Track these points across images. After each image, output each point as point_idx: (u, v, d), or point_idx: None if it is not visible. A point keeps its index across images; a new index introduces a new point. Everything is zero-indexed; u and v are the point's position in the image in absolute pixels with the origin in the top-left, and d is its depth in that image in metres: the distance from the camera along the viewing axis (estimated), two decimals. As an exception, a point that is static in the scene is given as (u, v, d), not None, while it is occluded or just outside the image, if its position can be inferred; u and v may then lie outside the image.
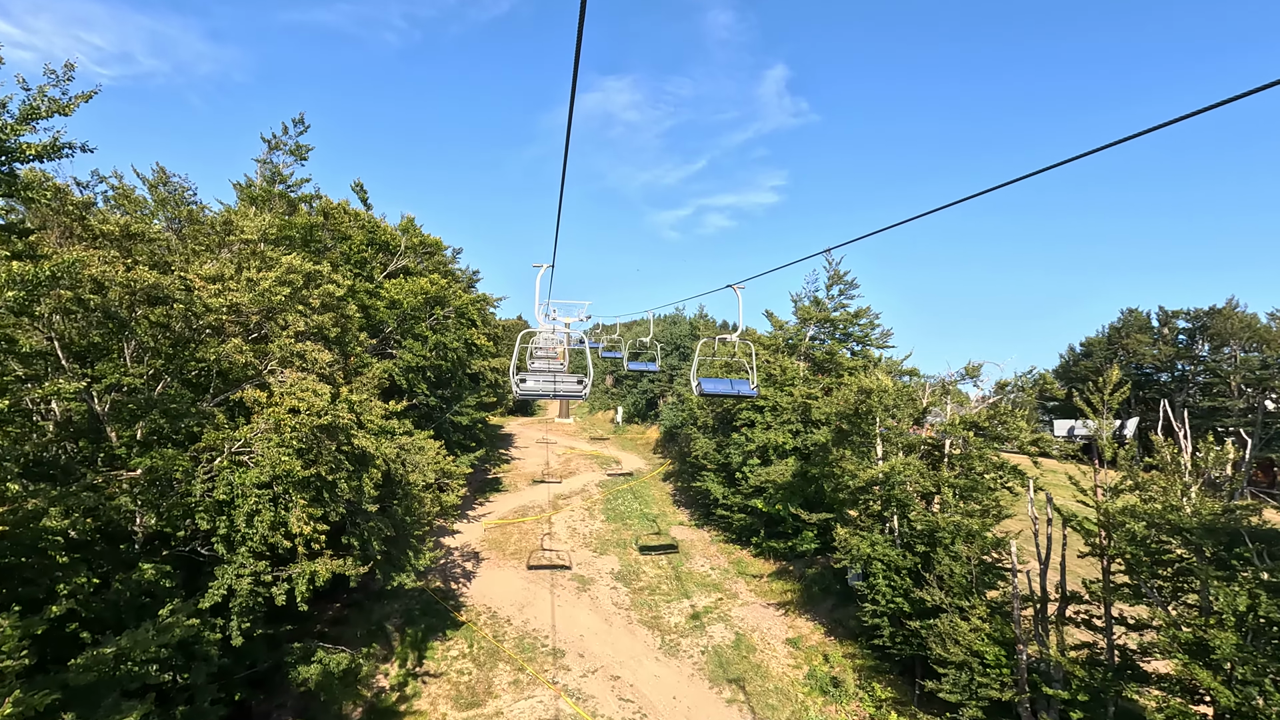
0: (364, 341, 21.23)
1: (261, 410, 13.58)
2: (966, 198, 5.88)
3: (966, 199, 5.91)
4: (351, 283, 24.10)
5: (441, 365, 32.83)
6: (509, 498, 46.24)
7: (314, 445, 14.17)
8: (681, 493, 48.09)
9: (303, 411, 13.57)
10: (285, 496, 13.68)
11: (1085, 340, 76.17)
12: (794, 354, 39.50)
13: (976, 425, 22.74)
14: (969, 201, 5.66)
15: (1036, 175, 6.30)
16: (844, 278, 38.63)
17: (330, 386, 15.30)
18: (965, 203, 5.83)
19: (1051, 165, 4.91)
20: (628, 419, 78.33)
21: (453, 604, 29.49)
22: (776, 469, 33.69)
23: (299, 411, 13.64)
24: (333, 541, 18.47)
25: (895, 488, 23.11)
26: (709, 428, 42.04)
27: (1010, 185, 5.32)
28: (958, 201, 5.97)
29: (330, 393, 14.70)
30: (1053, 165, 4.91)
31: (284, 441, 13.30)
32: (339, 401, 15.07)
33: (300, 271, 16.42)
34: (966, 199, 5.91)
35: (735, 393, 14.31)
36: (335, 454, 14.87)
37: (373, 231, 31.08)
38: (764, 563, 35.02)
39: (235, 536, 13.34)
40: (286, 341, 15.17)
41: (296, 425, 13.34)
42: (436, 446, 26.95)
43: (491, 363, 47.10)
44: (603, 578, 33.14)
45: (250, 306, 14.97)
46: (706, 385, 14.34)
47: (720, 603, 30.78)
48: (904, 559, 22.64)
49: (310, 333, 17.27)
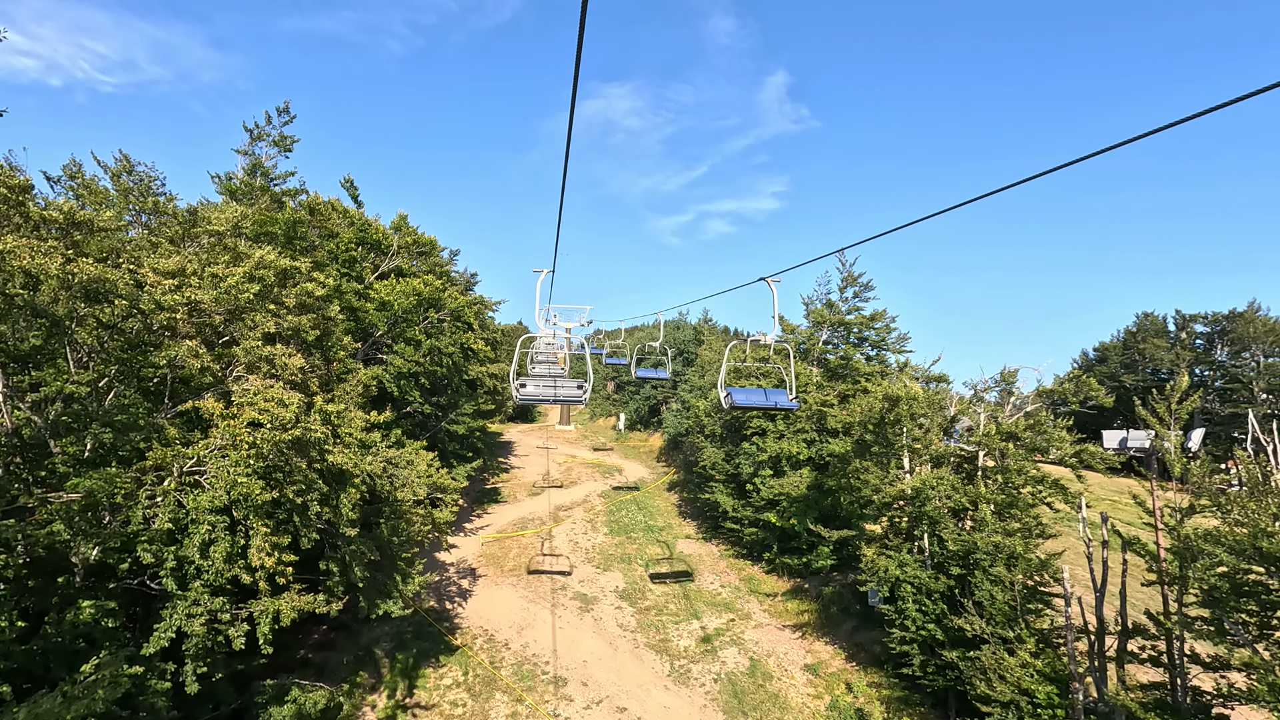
0: (348, 346, 19.47)
1: (218, 423, 11.79)
2: (976, 198, 5.59)
3: (976, 199, 5.60)
4: (338, 283, 22.35)
5: (436, 371, 31.03)
6: (508, 509, 44.35)
7: (281, 463, 12.39)
8: (688, 504, 46.21)
9: (265, 425, 11.76)
10: (245, 523, 11.89)
11: (1099, 345, 74.40)
12: (806, 359, 37.73)
13: (1014, 435, 20.93)
14: (969, 207, 5.80)
15: (1042, 177, 5.78)
16: (858, 279, 36.89)
17: (302, 395, 13.51)
18: (965, 208, 6.54)
19: (1059, 166, 4.65)
20: (630, 426, 76.49)
21: (447, 626, 27.61)
22: (790, 481, 31.84)
23: (260, 425, 11.83)
24: (308, 565, 16.67)
25: (926, 504, 21.27)
26: (717, 436, 40.19)
27: (1014, 188, 5.33)
28: (967, 202, 5.64)
29: (300, 402, 12.92)
30: (1060, 166, 4.66)
31: (242, 460, 11.48)
32: (312, 412, 13.31)
33: (273, 267, 14.67)
34: (976, 199, 5.60)
35: (772, 405, 12.46)
36: (307, 472, 13.09)
37: (364, 230, 29.33)
38: (777, 580, 33.12)
39: (187, 570, 11.56)
40: (253, 344, 13.39)
41: (258, 441, 11.54)
42: (429, 458, 25.14)
43: (490, 368, 45.33)
44: (606, 596, 31.26)
45: (213, 306, 13.23)
46: (739, 396, 12.44)
47: (732, 624, 28.88)
48: (936, 581, 20.79)
49: (285, 335, 15.53)
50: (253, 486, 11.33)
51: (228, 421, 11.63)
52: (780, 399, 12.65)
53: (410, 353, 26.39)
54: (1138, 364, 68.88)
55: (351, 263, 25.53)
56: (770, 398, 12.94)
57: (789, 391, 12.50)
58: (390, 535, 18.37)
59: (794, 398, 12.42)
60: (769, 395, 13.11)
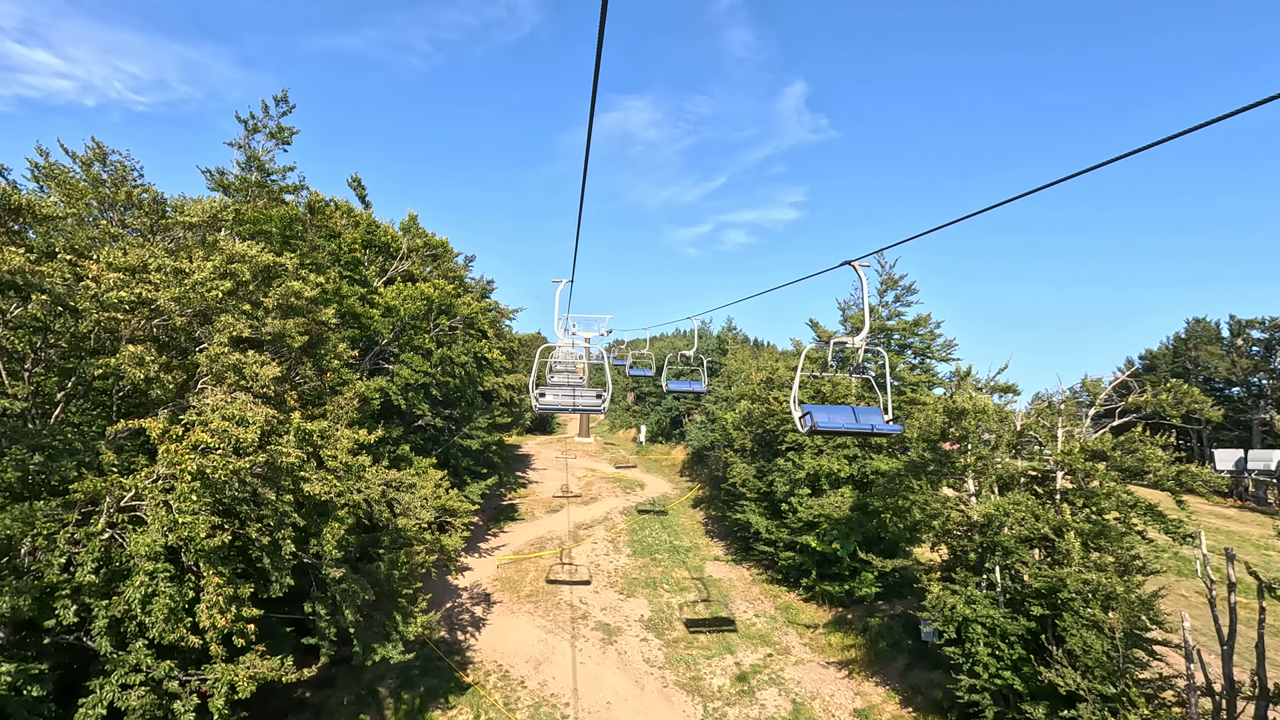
0: (344, 354, 17.46)
1: (160, 447, 9.65)
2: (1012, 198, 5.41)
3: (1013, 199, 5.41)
4: (336, 285, 20.37)
5: (449, 382, 28.96)
6: (525, 528, 42.09)
7: (243, 496, 10.29)
8: (715, 522, 43.58)
9: (216, 450, 9.61)
10: (196, 570, 9.76)
11: (1146, 353, 70.47)
12: (845, 367, 35.12)
13: (1103, 454, 18.19)
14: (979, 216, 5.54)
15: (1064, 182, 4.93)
16: (899, 281, 34.31)
17: (273, 412, 11.41)
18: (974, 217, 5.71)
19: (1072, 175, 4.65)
20: (651, 438, 74.03)
21: (458, 660, 25.30)
22: (831, 501, 29.16)
23: (211, 450, 9.68)
24: (293, 601, 14.49)
25: (999, 532, 18.57)
26: (747, 451, 37.60)
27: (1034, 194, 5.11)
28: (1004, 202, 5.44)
29: (270, 420, 10.82)
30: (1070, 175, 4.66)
31: (184, 494, 9.33)
32: (288, 432, 11.21)
33: (250, 261, 12.65)
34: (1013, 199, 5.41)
35: (866, 429, 9.83)
36: (278, 505, 10.97)
37: (371, 231, 27.45)
38: (817, 609, 30.36)
39: (127, 626, 9.45)
40: (219, 350, 11.32)
41: (207, 470, 9.41)
42: (438, 477, 23.02)
43: (506, 379, 43.31)
44: (631, 626, 28.75)
45: (172, 306, 11.22)
46: (821, 417, 9.85)
47: (770, 660, 26.20)
48: (1013, 623, 18.04)
49: (265, 341, 13.52)
50: (198, 527, 9.18)
51: (167, 446, 9.48)
52: (874, 420, 10.03)
53: (419, 362, 24.35)
54: (1190, 373, 64.90)
55: (355, 265, 23.58)
56: (862, 419, 10.25)
57: (883, 410, 9.98)
58: (389, 570, 16.18)
59: (891, 419, 9.87)
60: (859, 416, 10.39)
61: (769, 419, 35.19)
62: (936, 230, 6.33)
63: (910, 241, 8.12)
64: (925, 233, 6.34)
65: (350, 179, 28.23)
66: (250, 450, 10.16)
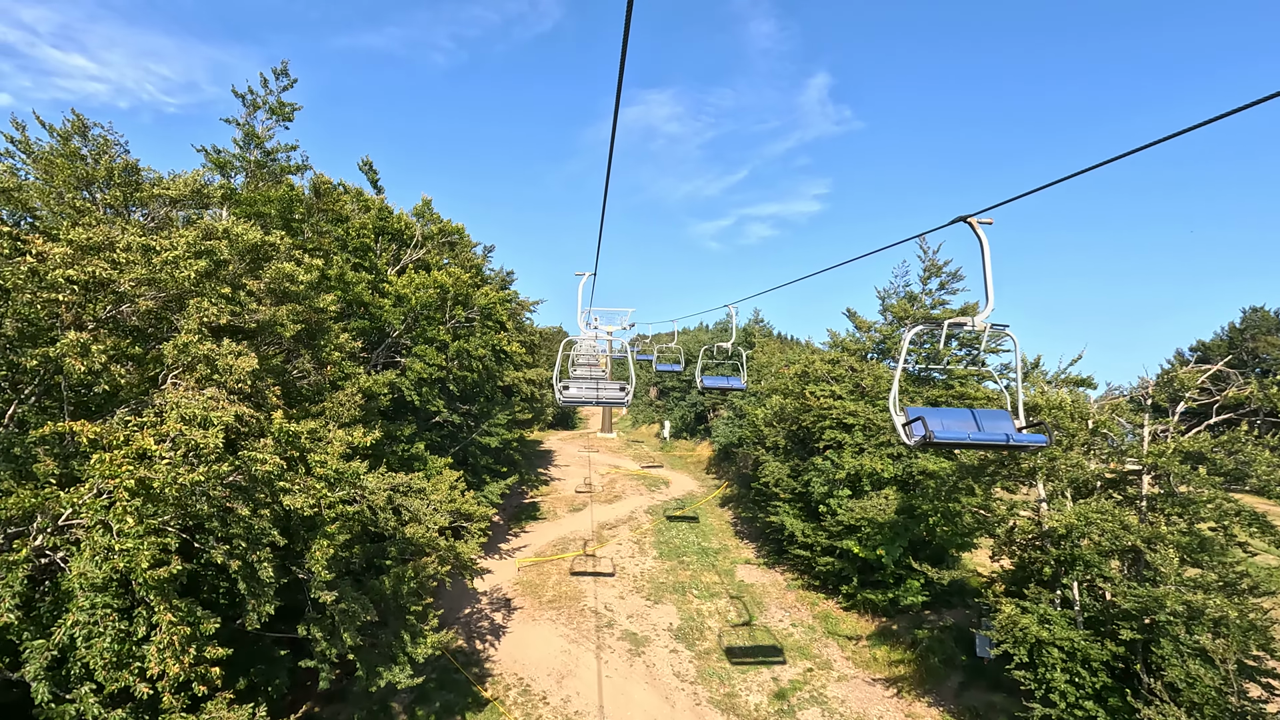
0: (345, 345, 15.91)
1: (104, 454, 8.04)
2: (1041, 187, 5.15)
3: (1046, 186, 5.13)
4: (340, 270, 18.83)
5: (466, 377, 27.39)
6: (547, 527, 40.60)
7: (208, 512, 8.70)
8: (745, 522, 41.64)
9: (160, 460, 7.97)
10: (147, 603, 8.17)
11: (1198, 344, 66.66)
12: (885, 359, 32.92)
13: (1202, 456, 15.95)
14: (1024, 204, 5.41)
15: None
16: (943, 268, 31.94)
17: (250, 410, 9.81)
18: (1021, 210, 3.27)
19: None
20: (675, 434, 72.18)
21: (476, 672, 23.81)
22: (874, 504, 27.04)
23: (158, 459, 8.06)
24: (289, 616, 12.95)
25: (1079, 544, 16.42)
26: (780, 449, 35.55)
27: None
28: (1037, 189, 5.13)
29: (242, 419, 9.24)
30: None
31: (119, 514, 7.73)
32: (268, 434, 9.62)
33: (233, 238, 11.09)
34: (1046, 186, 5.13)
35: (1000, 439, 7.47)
36: (252, 522, 9.39)
37: (384, 219, 25.92)
38: (858, 619, 28.32)
39: (72, 668, 7.93)
40: (187, 339, 9.74)
41: (155, 483, 7.81)
42: (454, 478, 21.46)
43: (527, 373, 41.77)
44: (659, 636, 27.02)
45: (134, 288, 9.70)
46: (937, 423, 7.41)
47: (810, 675, 24.27)
48: (1098, 648, 15.91)
49: (250, 329, 12.00)
50: (139, 555, 7.59)
51: (100, 455, 7.86)
52: (1004, 427, 7.80)
53: (433, 356, 22.78)
54: (1246, 365, 61.19)
55: (364, 251, 22.06)
56: (988, 426, 7.95)
57: (1013, 413, 7.86)
58: (395, 586, 14.63)
59: (1026, 426, 7.70)
60: (984, 422, 8.05)
61: (804, 414, 33.12)
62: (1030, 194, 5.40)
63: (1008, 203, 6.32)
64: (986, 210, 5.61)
65: (361, 162, 26.77)
66: (212, 458, 8.57)
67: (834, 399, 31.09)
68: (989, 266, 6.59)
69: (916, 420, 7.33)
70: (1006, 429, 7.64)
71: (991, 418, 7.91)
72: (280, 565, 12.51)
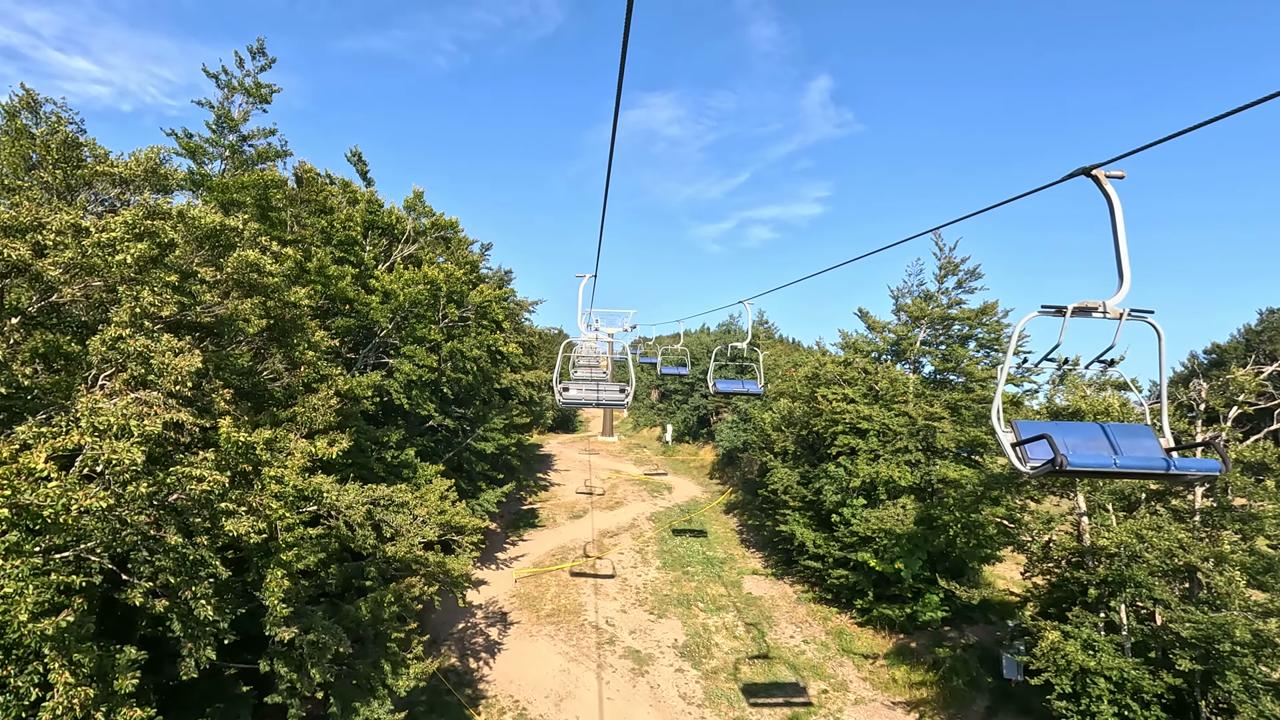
0: (320, 343, 14.43)
1: None
2: None
3: None
4: (321, 263, 17.38)
5: (461, 379, 25.93)
6: (546, 535, 39.08)
7: (126, 542, 7.24)
8: (751, 530, 40.10)
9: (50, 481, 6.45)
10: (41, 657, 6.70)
11: (1213, 346, 65.14)
12: (900, 360, 31.48)
13: (1264, 466, 14.49)
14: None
15: None
16: (960, 265, 30.47)
17: (191, 416, 8.37)
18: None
19: None
20: (678, 437, 70.63)
21: (470, 694, 22.32)
22: (891, 513, 25.58)
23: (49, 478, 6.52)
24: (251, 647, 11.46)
25: (1130, 564, 14.94)
26: (789, 454, 34.07)
27: None
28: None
29: (172, 425, 7.82)
30: None
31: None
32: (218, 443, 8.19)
33: (188, 221, 9.64)
34: None
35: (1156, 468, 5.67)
36: (186, 551, 7.92)
37: (374, 212, 24.49)
38: (874, 635, 26.81)
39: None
40: (118, 333, 8.26)
41: (47, 512, 6.32)
42: (444, 488, 20.00)
43: (525, 375, 40.32)
44: (663, 653, 25.52)
45: (63, 277, 8.27)
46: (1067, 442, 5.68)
47: (826, 698, 22.77)
48: (1151, 679, 14.42)
49: (203, 324, 10.58)
50: (19, 604, 6.08)
51: None
52: (1149, 447, 5.94)
53: (423, 356, 21.33)
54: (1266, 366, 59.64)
55: (350, 245, 20.58)
56: (1126, 446, 6.14)
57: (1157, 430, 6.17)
58: (373, 611, 13.16)
59: (1178, 447, 5.96)
60: (1119, 440, 6.22)
61: (814, 419, 31.67)
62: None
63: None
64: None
65: (349, 153, 25.30)
66: (127, 476, 7.11)
67: (847, 403, 29.65)
68: (1121, 233, 5.09)
69: (1039, 439, 5.67)
70: (1156, 451, 5.99)
71: (1129, 435, 6.18)
72: (242, 590, 11.06)
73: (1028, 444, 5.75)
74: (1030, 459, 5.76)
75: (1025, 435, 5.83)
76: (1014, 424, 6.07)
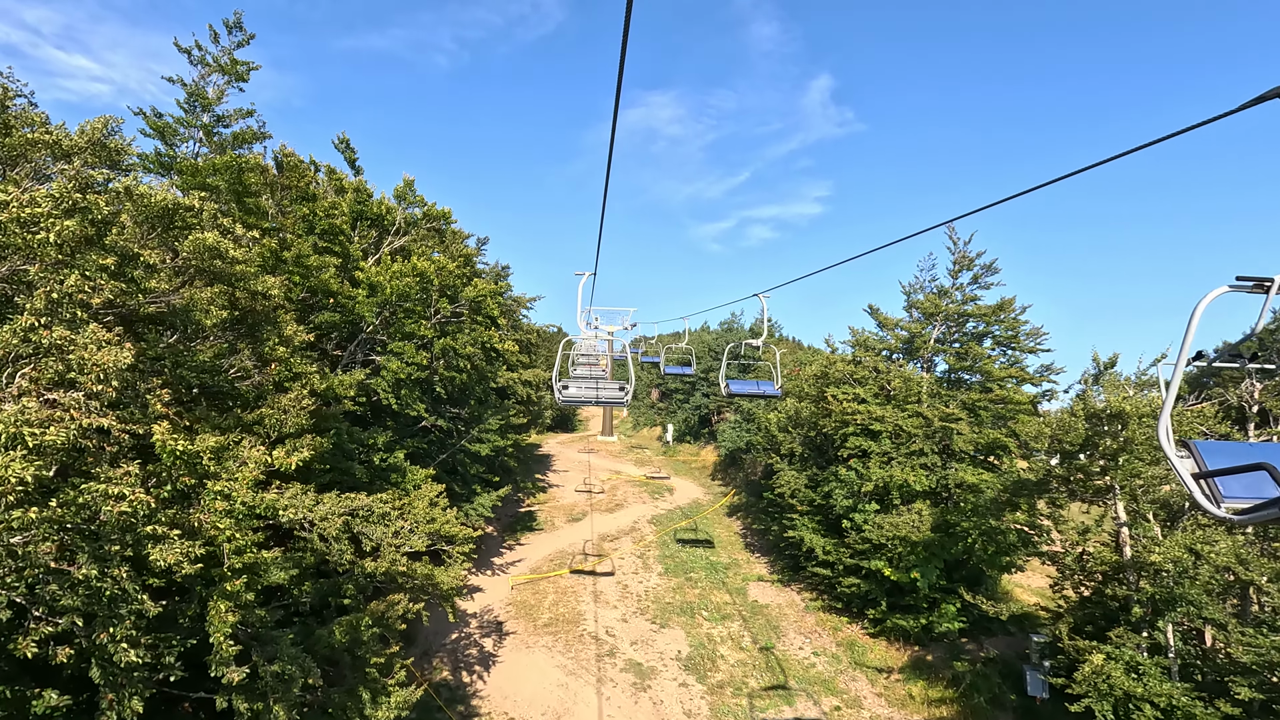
0: (293, 339, 13.20)
1: None
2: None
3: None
4: (297, 250, 16.10)
5: (454, 377, 24.66)
6: (544, 539, 37.81)
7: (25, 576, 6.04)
8: (756, 534, 38.87)
9: None
10: None
11: (1224, 345, 63.87)
12: (913, 359, 30.22)
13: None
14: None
15: None
16: (975, 260, 29.21)
17: (119, 423, 7.17)
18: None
19: None
20: (678, 437, 69.41)
21: (462, 710, 21.07)
22: (905, 520, 24.35)
23: None
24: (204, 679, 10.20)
25: (1182, 581, 13.69)
26: (796, 457, 32.84)
27: None
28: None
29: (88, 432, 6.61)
30: None
31: None
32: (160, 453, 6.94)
33: (135, 198, 8.39)
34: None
35: None
36: (101, 586, 6.72)
37: (362, 202, 23.21)
38: (888, 647, 25.56)
39: None
40: (31, 321, 7.02)
41: None
42: (434, 493, 18.76)
43: (523, 374, 39.08)
44: (666, 666, 24.28)
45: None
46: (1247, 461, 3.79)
47: (838, 714, 21.53)
48: (1204, 708, 13.18)
49: (150, 315, 9.36)
50: None
51: None
52: None
53: (413, 353, 20.08)
54: (1277, 367, 58.46)
55: (334, 234, 19.26)
56: None
57: None
58: (350, 634, 11.92)
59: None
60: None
61: (823, 420, 30.41)
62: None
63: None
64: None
65: (337, 140, 23.89)
66: (15, 498, 5.86)
67: (858, 403, 28.37)
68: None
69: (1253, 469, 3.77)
70: None
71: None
72: (198, 614, 9.79)
73: (1223, 475, 4.27)
74: (1226, 497, 4.27)
75: (1218, 462, 4.38)
76: (1192, 445, 4.60)
